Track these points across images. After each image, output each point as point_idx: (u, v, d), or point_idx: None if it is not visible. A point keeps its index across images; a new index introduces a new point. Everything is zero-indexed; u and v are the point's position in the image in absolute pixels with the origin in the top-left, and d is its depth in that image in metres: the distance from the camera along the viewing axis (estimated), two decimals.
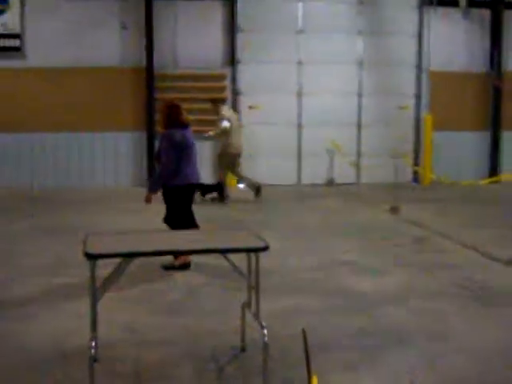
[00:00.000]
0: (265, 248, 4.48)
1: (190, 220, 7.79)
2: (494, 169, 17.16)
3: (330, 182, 16.31)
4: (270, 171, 16.04)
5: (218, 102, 13.47)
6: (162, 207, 7.76)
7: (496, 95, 16.95)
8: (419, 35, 16.60)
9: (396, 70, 16.53)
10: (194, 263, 7.78)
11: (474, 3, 16.83)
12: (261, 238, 4.67)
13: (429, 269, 7.80)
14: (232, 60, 15.79)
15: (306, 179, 16.40)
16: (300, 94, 16.17)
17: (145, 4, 15.21)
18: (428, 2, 16.47)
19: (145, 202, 7.56)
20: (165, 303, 6.40)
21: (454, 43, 16.74)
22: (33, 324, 5.71)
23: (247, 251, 4.66)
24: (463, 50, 16.87)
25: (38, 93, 15.13)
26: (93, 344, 4.25)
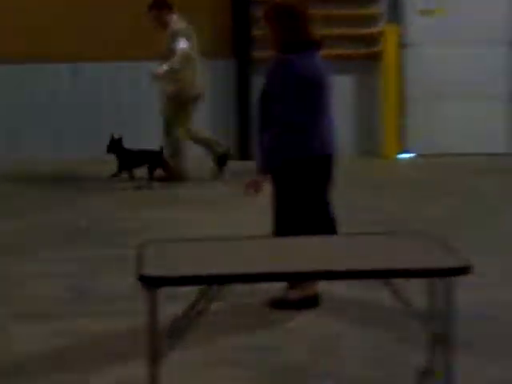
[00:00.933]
0: (465, 269, 2.90)
1: (325, 219, 4.50)
2: None
3: None
4: (459, 129, 9.40)
5: (164, 7, 8.07)
6: (266, 202, 4.49)
7: None
8: None
9: None
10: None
11: None
12: (454, 251, 3.04)
13: None
14: None
15: None
16: None
17: None
18: None
19: (248, 191, 4.38)
20: (279, 368, 3.64)
21: None
22: None
23: (439, 275, 2.93)
24: None
25: None
26: None
